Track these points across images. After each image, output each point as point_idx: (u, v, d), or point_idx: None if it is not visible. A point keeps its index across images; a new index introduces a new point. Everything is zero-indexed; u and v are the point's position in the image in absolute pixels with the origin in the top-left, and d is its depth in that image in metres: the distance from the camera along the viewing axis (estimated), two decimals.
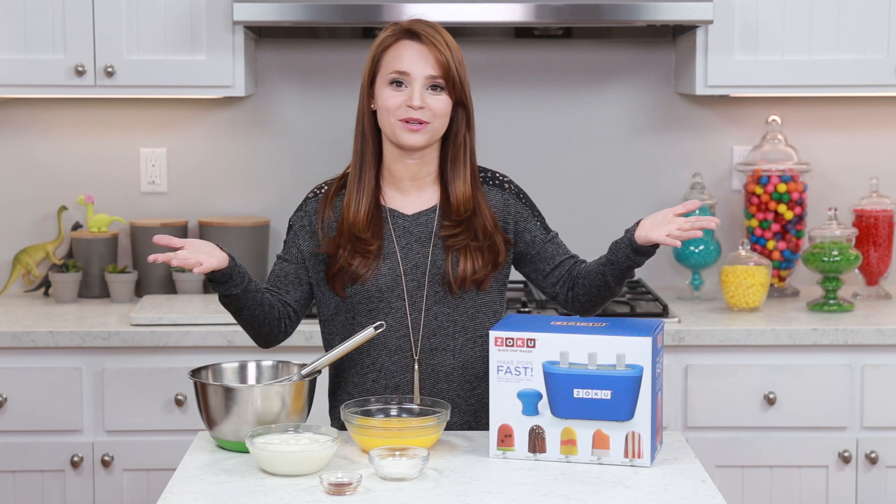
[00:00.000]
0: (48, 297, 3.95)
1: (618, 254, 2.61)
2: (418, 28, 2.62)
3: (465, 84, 2.64)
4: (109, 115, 4.03)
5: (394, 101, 2.59)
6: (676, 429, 3.52)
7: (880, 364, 3.53)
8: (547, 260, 2.73)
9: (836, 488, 3.55)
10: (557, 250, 2.73)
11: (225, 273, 2.55)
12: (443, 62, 2.59)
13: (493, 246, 2.66)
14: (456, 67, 2.60)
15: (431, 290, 2.65)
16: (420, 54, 2.60)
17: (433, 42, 2.59)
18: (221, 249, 2.55)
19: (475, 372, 2.67)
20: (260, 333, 2.68)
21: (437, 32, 2.62)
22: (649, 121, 4.09)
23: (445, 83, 2.60)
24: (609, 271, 2.63)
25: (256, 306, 2.63)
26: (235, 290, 2.57)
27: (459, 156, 2.66)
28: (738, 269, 3.72)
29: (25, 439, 3.51)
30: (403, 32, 2.62)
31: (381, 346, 2.65)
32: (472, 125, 2.67)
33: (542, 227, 2.74)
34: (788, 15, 3.73)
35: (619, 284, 2.65)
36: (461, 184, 2.65)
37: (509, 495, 2.23)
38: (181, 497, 2.23)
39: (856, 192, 4.09)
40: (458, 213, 2.65)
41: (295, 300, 2.71)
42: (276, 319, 2.67)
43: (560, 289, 2.72)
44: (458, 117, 2.65)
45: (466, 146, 2.67)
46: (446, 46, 2.60)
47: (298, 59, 4.04)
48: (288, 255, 2.71)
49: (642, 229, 2.56)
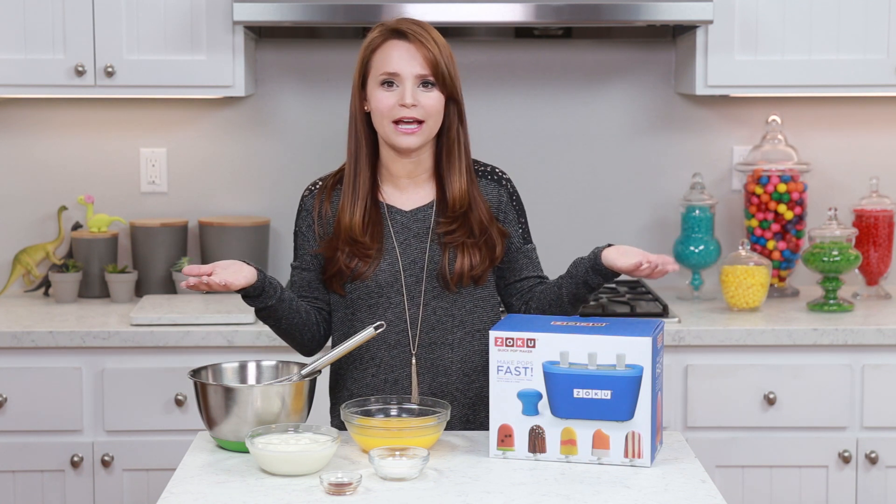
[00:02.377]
0: (48, 297, 3.95)
1: (578, 268, 2.63)
2: (405, 27, 2.62)
3: (456, 79, 2.64)
4: (109, 115, 4.03)
5: (386, 103, 2.60)
6: (676, 429, 3.52)
7: (880, 364, 3.53)
8: (514, 271, 2.74)
9: (836, 488, 3.55)
10: (528, 265, 2.74)
11: (256, 287, 2.56)
12: (431, 59, 2.59)
13: (490, 240, 2.67)
14: (445, 63, 2.61)
15: (430, 285, 2.65)
16: (408, 53, 2.60)
17: (420, 40, 2.60)
18: (248, 264, 2.56)
19: (473, 365, 2.68)
20: (302, 341, 2.70)
21: (424, 30, 2.62)
22: (649, 121, 4.09)
23: (436, 79, 2.61)
24: (565, 285, 2.65)
25: (294, 314, 2.64)
26: (270, 301, 2.59)
27: (454, 150, 2.67)
28: (738, 269, 3.72)
29: (25, 439, 3.51)
30: (390, 32, 2.63)
31: (380, 341, 2.66)
32: (464, 119, 2.68)
33: (521, 235, 2.74)
34: (788, 15, 3.73)
35: (571, 303, 2.66)
36: (457, 179, 2.66)
37: (509, 495, 2.23)
38: (181, 497, 2.23)
39: (856, 192, 4.09)
40: (454, 209, 2.66)
41: (325, 301, 2.72)
42: (314, 324, 2.69)
43: (516, 301, 2.74)
44: (451, 112, 2.66)
45: (460, 140, 2.67)
46: (434, 43, 2.60)
47: (298, 59, 4.04)
48: (303, 262, 2.71)
49: (610, 253, 2.58)
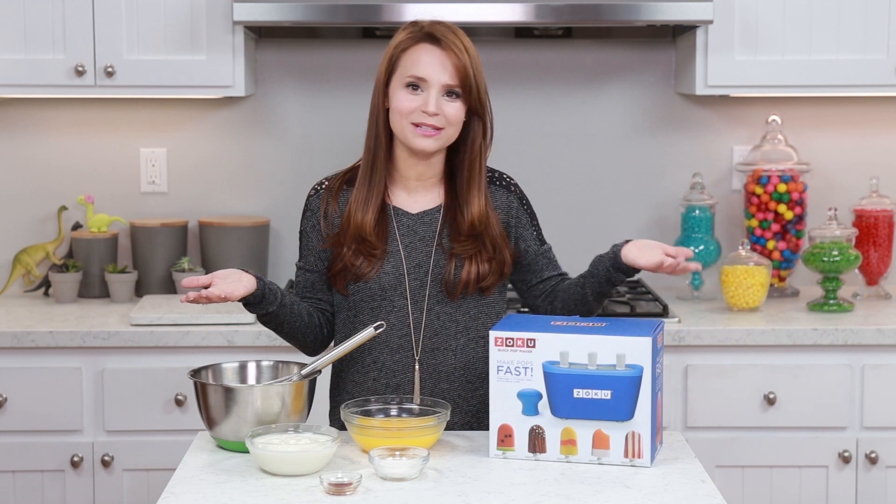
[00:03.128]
0: (48, 297, 3.95)
1: (599, 266, 2.63)
2: (439, 32, 2.56)
3: (483, 92, 2.60)
4: (109, 115, 4.03)
5: (408, 105, 2.56)
6: (676, 429, 3.52)
7: (880, 364, 3.53)
8: (535, 272, 2.73)
9: (836, 488, 3.54)
10: (547, 265, 2.73)
11: (256, 295, 2.56)
12: (461, 69, 2.55)
13: (502, 259, 2.66)
14: (474, 74, 2.56)
15: (434, 289, 2.64)
16: (438, 60, 2.55)
17: (453, 48, 2.55)
18: (247, 272, 2.55)
19: (476, 372, 2.67)
20: (305, 343, 2.70)
21: (457, 37, 2.57)
22: (649, 121, 4.09)
23: (462, 91, 2.57)
24: (588, 284, 2.65)
25: (296, 318, 2.64)
26: (271, 307, 2.59)
27: (476, 166, 2.63)
28: (738, 269, 3.72)
29: (25, 439, 3.51)
30: (423, 35, 2.57)
31: (382, 345, 2.65)
32: (487, 134, 2.63)
33: (536, 238, 2.73)
34: (788, 15, 3.73)
35: (596, 300, 2.66)
36: (476, 198, 2.62)
37: (509, 495, 2.23)
38: (181, 497, 2.23)
39: (856, 192, 4.09)
40: (472, 227, 2.62)
41: (329, 303, 2.72)
42: (317, 326, 2.69)
43: (541, 302, 2.73)
44: (475, 126, 2.62)
45: (482, 156, 2.64)
46: (465, 52, 2.55)
47: (298, 59, 4.04)
48: (307, 263, 2.71)
49: (630, 251, 2.57)
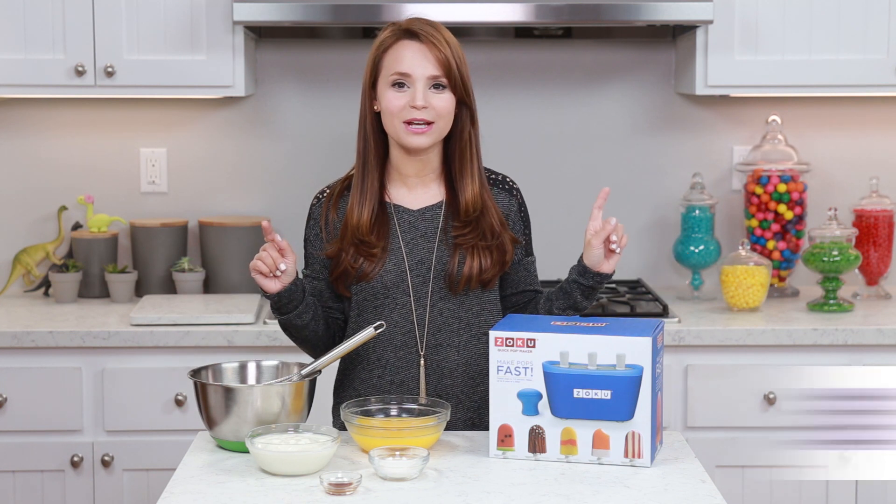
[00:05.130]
0: (48, 297, 3.95)
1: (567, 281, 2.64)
2: (417, 27, 2.60)
3: (467, 80, 2.63)
4: (109, 115, 4.03)
5: (397, 103, 2.58)
6: (676, 429, 3.52)
7: (880, 364, 3.53)
8: (512, 283, 2.74)
9: (836, 488, 3.54)
10: (526, 278, 2.74)
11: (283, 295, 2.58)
12: (443, 60, 2.58)
13: (501, 245, 2.66)
14: (457, 64, 2.59)
15: (436, 286, 2.65)
16: (420, 54, 2.58)
17: (432, 41, 2.58)
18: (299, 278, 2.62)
19: (479, 368, 2.67)
20: (316, 349, 2.72)
21: (436, 30, 2.60)
22: (649, 121, 4.09)
23: (448, 81, 2.59)
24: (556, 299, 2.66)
25: (313, 334, 2.68)
26: (299, 321, 2.63)
27: (466, 154, 2.66)
28: (738, 269, 3.72)
29: (25, 439, 3.51)
30: (402, 32, 2.61)
31: (386, 342, 2.65)
32: (476, 122, 2.67)
33: (524, 248, 2.74)
34: (788, 15, 3.73)
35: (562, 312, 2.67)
36: (469, 184, 2.65)
37: (509, 495, 2.23)
38: (181, 497, 2.23)
39: (856, 192, 4.09)
40: (467, 213, 2.64)
41: (339, 311, 2.73)
42: (330, 337, 2.72)
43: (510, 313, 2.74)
44: (463, 115, 2.64)
45: (472, 143, 2.66)
46: (446, 44, 2.59)
47: (298, 59, 4.04)
48: (312, 271, 2.72)
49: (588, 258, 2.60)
